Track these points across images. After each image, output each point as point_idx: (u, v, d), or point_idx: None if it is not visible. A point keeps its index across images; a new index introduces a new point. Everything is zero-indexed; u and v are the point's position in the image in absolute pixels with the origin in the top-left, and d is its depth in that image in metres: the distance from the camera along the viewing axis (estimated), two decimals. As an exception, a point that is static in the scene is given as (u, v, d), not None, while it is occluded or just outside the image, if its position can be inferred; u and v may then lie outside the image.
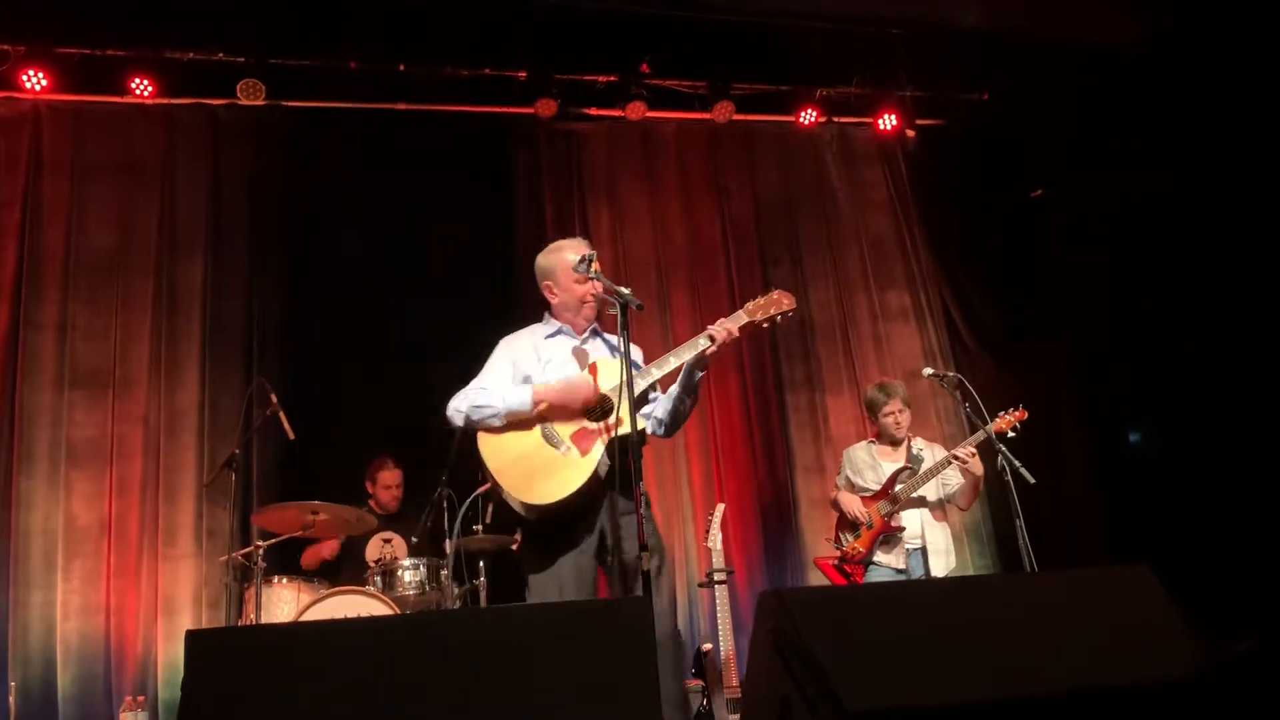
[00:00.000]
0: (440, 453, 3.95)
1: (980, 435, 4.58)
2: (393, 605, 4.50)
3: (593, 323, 3.52)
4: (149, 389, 5.69)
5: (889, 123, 7.12)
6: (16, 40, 5.79)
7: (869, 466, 4.89)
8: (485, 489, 3.51)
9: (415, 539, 4.68)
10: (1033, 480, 4.26)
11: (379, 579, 4.69)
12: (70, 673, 5.21)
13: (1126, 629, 2.19)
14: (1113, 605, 2.26)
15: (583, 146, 6.79)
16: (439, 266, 6.18)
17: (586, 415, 3.24)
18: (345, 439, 5.61)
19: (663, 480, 6.18)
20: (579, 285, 3.40)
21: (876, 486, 4.80)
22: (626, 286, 3.19)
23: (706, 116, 6.87)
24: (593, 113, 6.78)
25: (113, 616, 5.34)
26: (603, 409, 3.23)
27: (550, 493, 3.14)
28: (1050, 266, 6.93)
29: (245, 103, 6.13)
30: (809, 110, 7.03)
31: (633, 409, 2.99)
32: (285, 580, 4.72)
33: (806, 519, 6.32)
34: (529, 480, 3.18)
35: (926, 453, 4.86)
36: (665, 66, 6.70)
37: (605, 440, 3.17)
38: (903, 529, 4.72)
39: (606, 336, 3.53)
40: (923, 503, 4.77)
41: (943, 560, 4.74)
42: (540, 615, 2.46)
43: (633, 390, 3.01)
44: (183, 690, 1.90)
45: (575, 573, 3.17)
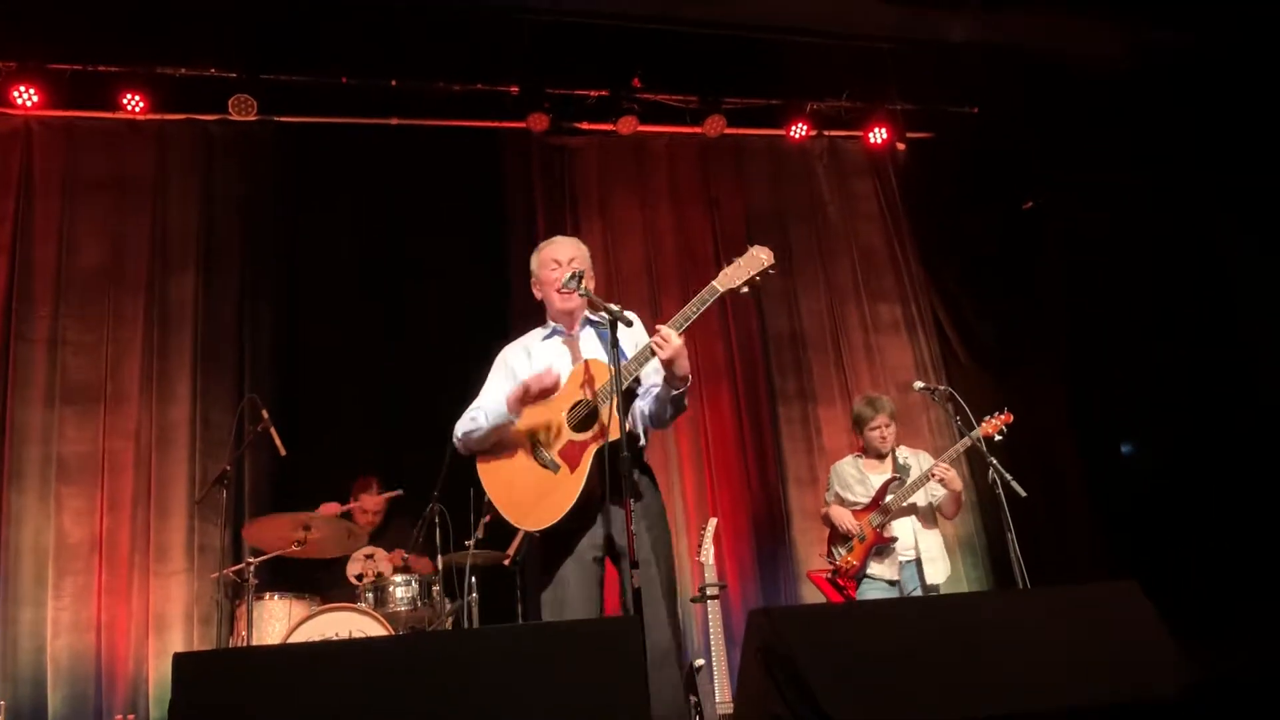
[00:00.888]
0: (431, 468, 3.94)
1: (966, 441, 4.60)
2: (384, 622, 4.47)
3: (582, 317, 3.46)
4: (140, 404, 5.68)
5: (879, 136, 7.14)
6: (7, 56, 5.79)
7: (857, 480, 4.90)
8: (488, 520, 3.49)
9: (407, 556, 4.66)
10: (1024, 493, 4.29)
11: (370, 595, 4.67)
12: (61, 690, 5.18)
13: (1115, 647, 2.19)
14: (1101, 623, 2.27)
15: (575, 160, 6.79)
16: (431, 280, 6.18)
17: (573, 427, 3.22)
18: (337, 454, 5.58)
19: (655, 493, 6.16)
20: (558, 296, 3.38)
21: (866, 500, 4.81)
22: (618, 300, 3.16)
23: (698, 130, 6.88)
24: (584, 127, 6.78)
25: (104, 633, 5.31)
26: (586, 418, 3.21)
27: (543, 518, 3.15)
28: (1041, 278, 6.95)
29: (237, 118, 6.14)
30: (800, 124, 7.04)
31: (622, 415, 2.97)
32: (277, 597, 4.70)
33: (799, 531, 6.31)
34: (523, 507, 3.20)
35: (912, 460, 4.87)
36: (657, 81, 6.72)
37: (594, 450, 3.14)
38: (895, 539, 4.73)
39: (600, 329, 3.43)
40: (914, 510, 4.79)
41: (939, 566, 4.76)
42: (530, 636, 2.45)
43: (624, 404, 2.99)
44: (170, 715, 1.89)
45: (582, 587, 3.15)
